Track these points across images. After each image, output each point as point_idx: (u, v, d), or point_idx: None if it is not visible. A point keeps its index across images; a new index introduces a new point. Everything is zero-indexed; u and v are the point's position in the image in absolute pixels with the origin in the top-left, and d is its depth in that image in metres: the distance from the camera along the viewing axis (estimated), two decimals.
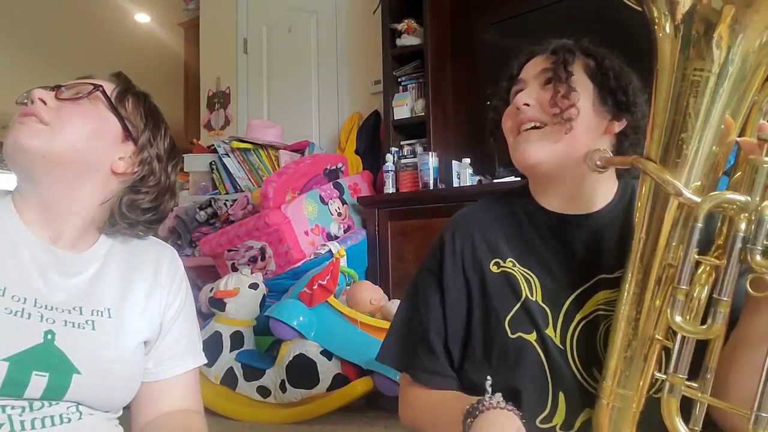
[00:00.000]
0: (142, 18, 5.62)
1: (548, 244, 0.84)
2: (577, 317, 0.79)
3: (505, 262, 0.84)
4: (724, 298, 0.59)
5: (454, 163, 2.76)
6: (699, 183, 0.63)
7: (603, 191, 0.85)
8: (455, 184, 2.72)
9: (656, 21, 0.64)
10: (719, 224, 0.65)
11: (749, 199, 0.59)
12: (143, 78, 0.70)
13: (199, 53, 4.29)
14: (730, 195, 0.59)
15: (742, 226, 0.59)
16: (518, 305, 0.81)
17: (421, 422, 0.87)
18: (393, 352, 0.91)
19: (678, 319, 0.62)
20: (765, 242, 0.58)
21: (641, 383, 0.68)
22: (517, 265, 0.84)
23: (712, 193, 0.60)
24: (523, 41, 0.89)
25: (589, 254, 0.82)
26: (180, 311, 0.88)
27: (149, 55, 5.85)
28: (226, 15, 4.05)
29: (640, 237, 0.67)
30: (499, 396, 0.74)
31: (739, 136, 0.64)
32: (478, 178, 2.74)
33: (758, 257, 0.58)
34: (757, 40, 0.59)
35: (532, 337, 0.79)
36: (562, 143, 0.80)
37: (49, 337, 0.70)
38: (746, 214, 0.59)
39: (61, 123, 0.75)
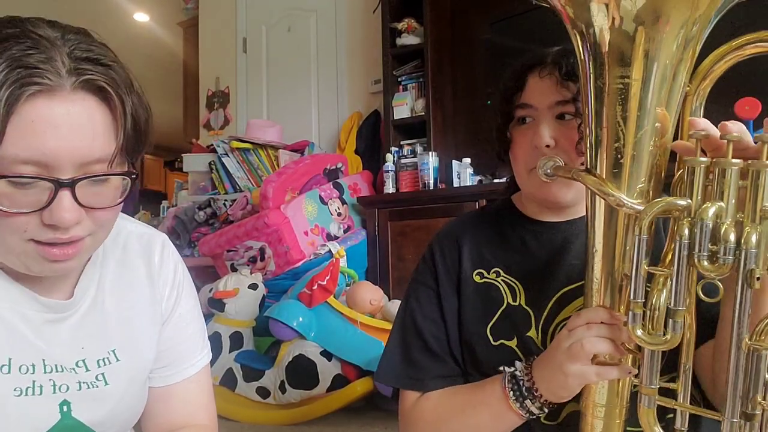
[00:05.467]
0: (141, 17, 5.61)
1: (533, 251, 0.84)
2: (558, 318, 0.79)
3: (489, 273, 0.85)
4: (680, 308, 0.56)
5: (455, 162, 2.75)
6: (642, 186, 0.61)
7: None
8: (455, 184, 2.71)
9: (577, 46, 0.64)
10: (671, 228, 0.62)
11: (690, 202, 0.56)
12: (142, 78, 0.66)
13: (198, 53, 4.29)
14: (672, 200, 0.56)
15: (686, 231, 0.55)
16: (499, 313, 0.82)
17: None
18: (395, 372, 0.87)
19: (639, 332, 0.59)
20: (710, 246, 0.54)
21: (618, 397, 0.67)
22: (502, 274, 0.84)
23: (654, 201, 0.57)
24: (523, 41, 0.87)
25: (574, 257, 0.81)
26: (171, 316, 0.80)
27: (148, 54, 5.84)
28: (226, 14, 4.05)
29: (593, 250, 0.66)
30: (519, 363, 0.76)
31: (677, 129, 0.63)
32: (478, 178, 2.73)
33: (705, 263, 0.54)
34: (673, 45, 0.58)
35: (513, 343, 0.80)
36: None
37: (65, 408, 0.66)
38: (689, 219, 0.55)
39: (101, 227, 0.65)
